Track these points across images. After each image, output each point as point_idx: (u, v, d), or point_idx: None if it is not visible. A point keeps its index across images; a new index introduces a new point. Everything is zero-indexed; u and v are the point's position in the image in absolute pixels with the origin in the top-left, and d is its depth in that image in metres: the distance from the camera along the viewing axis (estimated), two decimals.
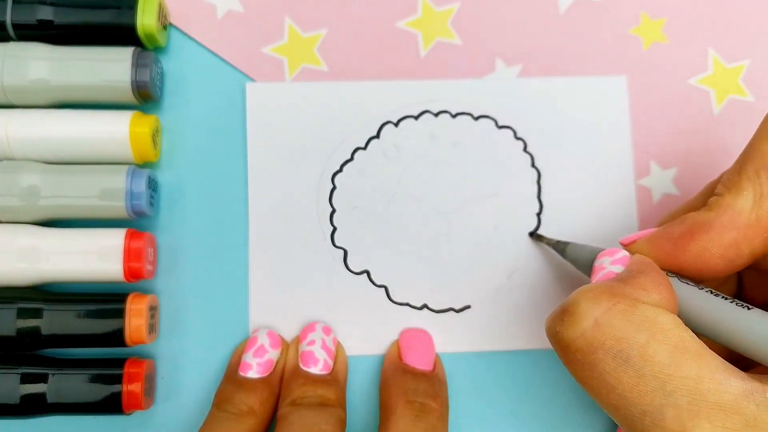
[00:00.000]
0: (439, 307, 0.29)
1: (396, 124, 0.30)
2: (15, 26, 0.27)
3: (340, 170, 0.30)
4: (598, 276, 0.22)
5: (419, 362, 0.28)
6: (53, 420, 0.27)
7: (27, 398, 0.26)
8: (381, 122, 0.30)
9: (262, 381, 0.27)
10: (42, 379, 0.26)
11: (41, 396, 0.26)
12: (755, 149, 0.21)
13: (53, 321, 0.26)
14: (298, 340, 0.28)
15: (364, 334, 0.29)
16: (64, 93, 0.27)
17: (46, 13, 0.27)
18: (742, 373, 0.19)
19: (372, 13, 0.31)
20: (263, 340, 0.28)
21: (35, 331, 0.26)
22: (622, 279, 0.21)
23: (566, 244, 0.27)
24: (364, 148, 0.30)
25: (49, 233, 0.27)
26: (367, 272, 0.29)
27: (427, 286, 0.29)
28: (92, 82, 0.27)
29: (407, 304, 0.29)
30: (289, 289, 0.29)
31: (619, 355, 0.19)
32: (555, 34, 0.31)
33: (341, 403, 0.27)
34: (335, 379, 0.27)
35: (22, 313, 0.26)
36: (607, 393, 0.19)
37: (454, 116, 0.30)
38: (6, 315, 0.26)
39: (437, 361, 0.28)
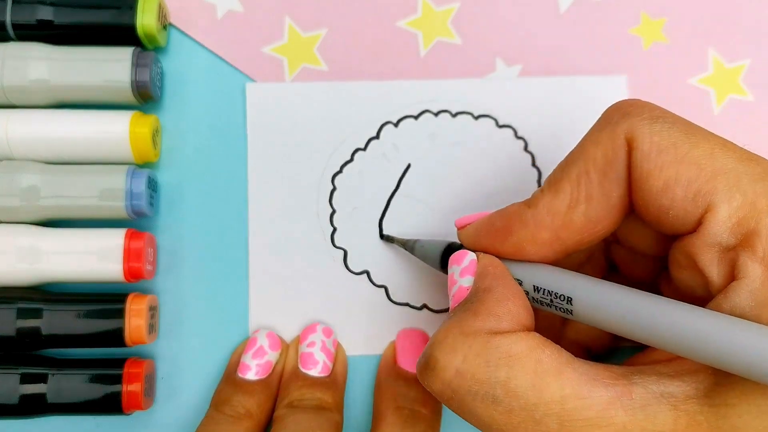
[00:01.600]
0: (439, 307, 0.29)
1: (396, 125, 0.30)
2: (15, 26, 0.27)
3: (340, 171, 0.30)
4: (452, 291, 0.22)
5: (413, 366, 0.28)
6: (53, 420, 0.27)
7: (27, 398, 0.26)
8: (381, 122, 0.30)
9: (260, 383, 0.27)
10: (42, 379, 0.26)
11: (41, 396, 0.26)
12: (581, 151, 0.21)
13: (53, 321, 0.26)
14: (298, 341, 0.28)
15: (364, 334, 0.29)
16: (64, 93, 0.27)
17: (46, 13, 0.27)
18: (608, 378, 0.18)
19: (372, 13, 0.31)
20: (263, 341, 0.28)
21: (35, 331, 0.26)
22: (472, 308, 0.20)
23: (414, 241, 0.27)
24: (364, 149, 0.30)
25: (49, 233, 0.27)
26: (367, 272, 0.29)
27: (426, 286, 0.29)
28: (92, 82, 0.27)
29: (407, 304, 0.29)
30: (289, 289, 0.29)
31: (486, 396, 0.19)
32: (555, 34, 0.31)
33: (338, 407, 0.27)
34: (334, 382, 0.27)
35: (22, 313, 0.26)
36: (487, 429, 0.19)
37: (454, 116, 0.30)
38: (6, 315, 0.26)
39: None
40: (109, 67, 0.27)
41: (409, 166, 0.30)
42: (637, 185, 0.20)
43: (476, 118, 0.30)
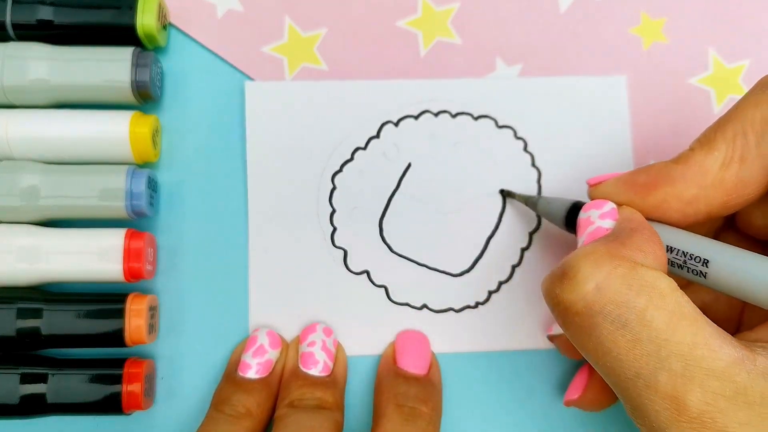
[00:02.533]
0: (438, 307, 0.29)
1: (396, 124, 0.30)
2: (15, 26, 0.27)
3: (340, 170, 0.30)
4: (587, 231, 0.22)
5: (413, 366, 0.28)
6: (53, 420, 0.27)
7: (27, 398, 0.26)
8: (381, 122, 0.30)
9: (260, 382, 0.27)
10: (42, 379, 0.26)
11: (41, 396, 0.26)
12: (739, 112, 0.21)
13: (53, 321, 0.26)
14: (298, 341, 0.28)
15: (364, 334, 0.29)
16: (64, 93, 0.27)
17: (46, 13, 0.27)
18: (735, 341, 0.19)
19: (372, 12, 0.31)
20: (263, 340, 0.28)
21: (35, 331, 0.26)
22: (619, 239, 0.20)
23: (538, 198, 0.27)
24: (364, 148, 0.30)
25: (49, 233, 0.27)
26: (367, 272, 0.29)
27: (426, 286, 0.29)
28: (92, 82, 0.27)
29: (407, 304, 0.29)
30: (288, 289, 0.29)
31: (617, 319, 0.19)
32: (555, 34, 0.31)
33: (339, 406, 0.27)
34: (334, 382, 0.27)
35: (22, 313, 0.26)
36: (603, 355, 0.19)
37: (454, 116, 0.30)
38: (6, 315, 0.26)
39: (432, 365, 0.28)
40: (109, 67, 0.27)
41: (409, 166, 0.30)
42: None
43: (476, 118, 0.30)
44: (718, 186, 0.21)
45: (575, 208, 0.24)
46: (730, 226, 0.25)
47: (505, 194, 0.29)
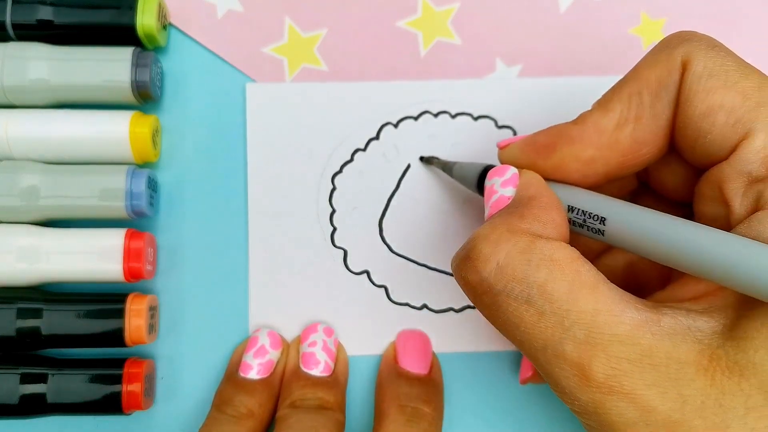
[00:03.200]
0: (439, 307, 0.29)
1: (396, 125, 0.30)
2: (15, 26, 0.27)
3: (340, 171, 0.30)
4: (490, 201, 0.22)
5: (414, 366, 0.28)
6: (53, 420, 0.27)
7: (27, 398, 0.26)
8: (381, 123, 0.30)
9: (262, 382, 0.27)
10: (42, 379, 0.26)
11: (41, 396, 0.26)
12: (635, 73, 0.21)
13: (53, 321, 0.26)
14: (299, 341, 0.28)
15: (364, 334, 0.29)
16: (64, 93, 0.27)
17: (46, 13, 0.27)
18: (639, 304, 0.19)
19: (372, 13, 0.31)
20: (264, 340, 0.28)
21: (35, 331, 0.26)
22: (517, 211, 0.21)
23: (453, 163, 0.27)
24: (364, 150, 0.30)
25: (49, 233, 0.27)
26: (367, 272, 0.29)
27: (426, 286, 0.29)
28: (92, 82, 0.27)
29: (407, 304, 0.29)
30: (288, 289, 0.29)
31: (520, 295, 0.19)
32: (555, 34, 0.31)
33: (340, 406, 0.27)
34: (336, 382, 0.27)
35: (22, 313, 0.26)
36: (511, 330, 0.20)
37: (453, 116, 0.30)
38: (6, 315, 0.26)
39: (434, 365, 0.28)
40: (109, 67, 0.27)
41: (409, 166, 0.30)
42: (682, 108, 0.20)
43: (476, 118, 0.30)
44: (614, 146, 0.21)
45: (486, 171, 0.25)
46: (646, 189, 0.26)
47: (425, 161, 0.29)
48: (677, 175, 0.23)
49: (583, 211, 0.21)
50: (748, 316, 0.18)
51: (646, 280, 0.25)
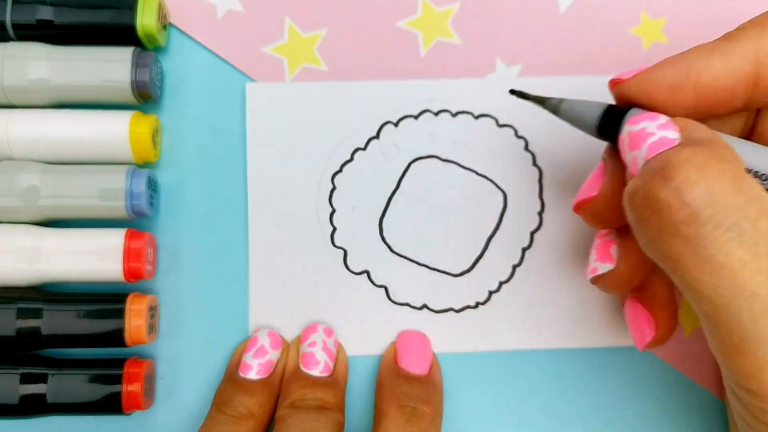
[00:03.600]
0: (438, 307, 0.29)
1: (396, 124, 0.30)
2: (15, 26, 0.27)
3: (340, 170, 0.30)
4: (647, 143, 0.19)
5: (414, 366, 0.28)
6: (53, 420, 0.27)
7: (27, 398, 0.26)
8: (381, 122, 0.30)
9: (261, 382, 0.27)
10: (42, 379, 0.26)
11: (41, 396, 0.26)
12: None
13: (53, 321, 0.26)
14: (299, 341, 0.28)
15: (364, 334, 0.29)
16: (64, 93, 0.27)
17: (46, 13, 0.27)
18: None
19: (372, 13, 0.31)
20: (264, 340, 0.28)
21: (35, 331, 0.26)
22: (708, 146, 0.18)
23: (560, 100, 0.24)
24: (364, 149, 0.30)
25: (49, 233, 0.27)
26: (367, 272, 0.29)
27: (426, 286, 0.29)
28: (92, 82, 0.27)
29: (407, 305, 0.29)
30: (288, 289, 0.29)
31: (733, 227, 0.16)
32: (555, 34, 0.31)
33: (340, 407, 0.27)
34: (335, 382, 0.27)
35: (22, 313, 0.26)
36: (713, 272, 0.17)
37: (454, 115, 0.30)
38: (6, 315, 0.26)
39: (433, 365, 0.28)
40: (109, 67, 0.27)
41: (409, 166, 0.30)
42: None
43: (476, 117, 0.30)
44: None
45: (611, 113, 0.22)
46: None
47: (518, 94, 0.26)
48: None
49: (757, 172, 0.19)
50: None
51: None
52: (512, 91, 0.26)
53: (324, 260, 0.29)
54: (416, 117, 0.30)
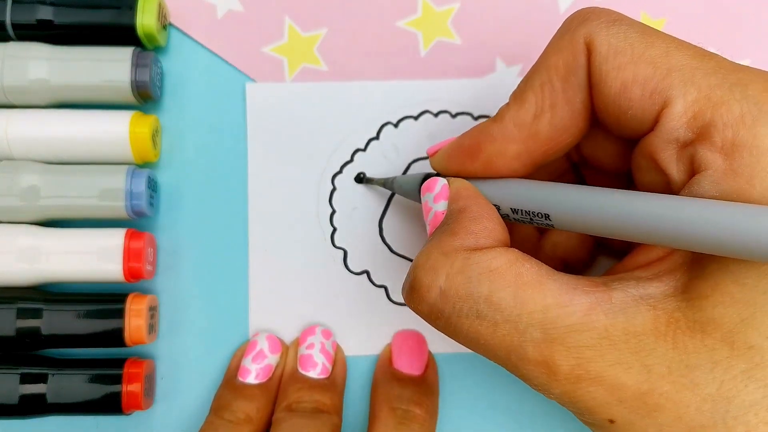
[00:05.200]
0: None
1: (396, 125, 0.30)
2: (15, 26, 0.27)
3: (340, 171, 0.30)
4: (428, 218, 0.22)
5: (408, 367, 0.28)
6: (53, 420, 0.27)
7: (26, 398, 0.26)
8: (381, 123, 0.30)
9: (260, 387, 0.27)
10: (42, 379, 0.26)
11: (41, 396, 0.26)
12: (543, 61, 0.21)
13: (53, 321, 0.26)
14: (297, 343, 0.28)
15: (364, 335, 0.29)
16: (64, 93, 0.27)
17: (46, 13, 0.27)
18: (587, 286, 0.19)
19: (372, 13, 0.31)
20: (263, 344, 0.28)
21: (35, 331, 0.26)
22: (449, 229, 0.21)
23: (393, 179, 0.27)
24: (364, 150, 0.30)
25: (49, 233, 0.27)
26: (367, 272, 0.29)
27: None
28: (92, 82, 0.27)
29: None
30: (288, 289, 0.29)
31: (470, 313, 0.19)
32: None
33: (337, 409, 0.27)
34: (333, 384, 0.27)
35: (22, 313, 0.26)
36: (474, 346, 0.20)
37: (454, 116, 0.30)
38: (6, 315, 0.26)
39: (429, 365, 0.28)
40: (109, 67, 0.27)
41: (409, 166, 0.30)
42: (597, 89, 0.20)
43: (476, 118, 0.30)
44: (535, 137, 0.21)
45: (427, 179, 0.24)
46: (583, 164, 0.26)
47: (362, 180, 0.29)
48: (609, 148, 0.23)
49: (525, 211, 0.21)
50: (701, 276, 0.18)
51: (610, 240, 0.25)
52: (357, 179, 0.30)
53: (324, 261, 0.29)
54: (416, 118, 0.30)
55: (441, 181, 0.23)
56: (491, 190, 0.22)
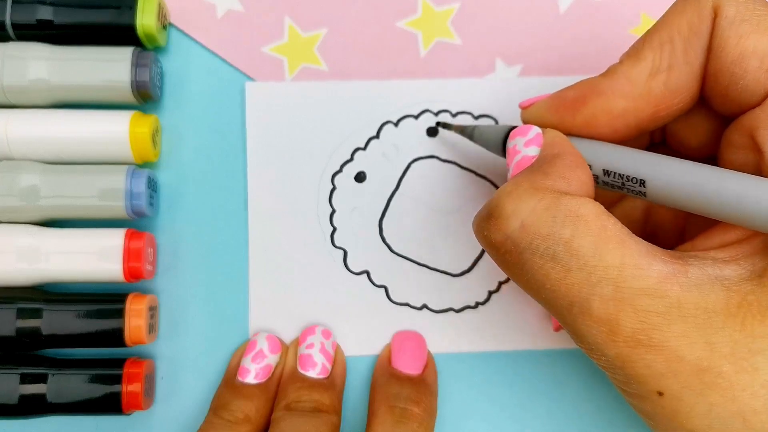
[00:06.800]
0: (438, 307, 0.29)
1: (396, 124, 0.30)
2: (15, 26, 0.27)
3: (340, 170, 0.30)
4: (513, 161, 0.22)
5: (407, 366, 0.28)
6: (53, 420, 0.27)
7: (26, 398, 0.26)
8: (381, 122, 0.30)
9: (259, 387, 0.27)
10: (42, 379, 0.26)
11: (41, 396, 0.26)
12: (665, 20, 0.21)
13: (53, 321, 0.26)
14: (297, 343, 0.28)
15: (364, 335, 0.29)
16: (64, 93, 0.27)
17: (45, 13, 0.27)
18: (666, 256, 0.19)
19: (372, 13, 0.31)
20: (262, 344, 0.28)
21: (35, 331, 0.26)
22: (541, 169, 0.20)
23: (474, 127, 0.27)
24: (364, 149, 0.30)
25: (49, 233, 0.27)
26: (367, 272, 0.29)
27: (426, 286, 0.29)
28: (92, 82, 0.27)
29: (407, 305, 0.29)
30: (288, 289, 0.29)
31: (546, 252, 0.19)
32: (555, 34, 0.31)
33: (336, 409, 0.27)
34: (332, 384, 0.27)
35: (22, 313, 0.26)
36: (537, 289, 0.19)
37: (454, 115, 0.30)
38: (6, 315, 0.26)
39: (428, 365, 0.28)
40: (108, 67, 0.27)
41: (409, 166, 0.30)
42: (714, 53, 0.20)
43: (476, 117, 0.30)
44: (646, 96, 0.21)
45: (510, 133, 0.24)
46: (660, 145, 0.25)
47: (441, 126, 0.29)
48: (699, 127, 0.23)
49: (620, 174, 0.21)
50: None
51: (664, 232, 0.25)
52: (437, 123, 0.29)
53: (324, 260, 0.29)
54: (416, 117, 0.30)
55: (535, 129, 0.22)
56: (586, 149, 0.22)
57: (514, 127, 0.24)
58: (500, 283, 0.29)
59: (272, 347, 0.28)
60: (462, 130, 0.28)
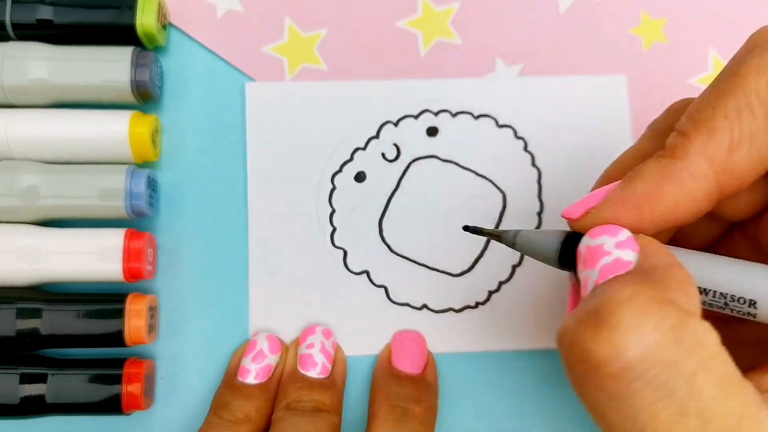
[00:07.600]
0: (438, 307, 0.29)
1: (396, 124, 0.30)
2: (15, 26, 0.27)
3: (340, 170, 0.30)
4: (600, 263, 0.18)
5: (407, 366, 0.28)
6: (53, 420, 0.27)
7: (26, 399, 0.26)
8: (380, 122, 0.30)
9: (259, 387, 0.27)
10: (41, 379, 0.26)
11: (40, 396, 0.26)
12: (737, 82, 0.18)
13: (53, 321, 0.26)
14: (297, 343, 0.28)
15: (364, 334, 0.29)
16: (63, 93, 0.27)
17: (45, 12, 0.27)
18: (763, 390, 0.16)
19: (372, 12, 0.31)
20: (262, 344, 0.28)
21: (35, 331, 0.26)
22: (657, 279, 0.16)
23: (516, 232, 0.22)
24: (364, 149, 0.30)
25: (49, 233, 0.27)
26: (367, 272, 0.29)
27: (426, 286, 0.29)
28: (92, 82, 0.27)
29: (407, 304, 0.29)
30: (288, 289, 0.29)
31: (663, 386, 0.15)
32: (555, 34, 0.31)
33: (336, 409, 0.27)
34: (333, 383, 0.27)
35: (22, 313, 0.26)
36: (631, 427, 0.16)
37: (454, 115, 0.30)
38: (6, 315, 0.26)
39: (428, 364, 0.28)
40: (108, 66, 0.27)
41: (408, 166, 0.30)
42: None
43: (476, 117, 0.30)
44: (729, 171, 0.18)
45: (569, 239, 0.20)
46: (732, 234, 0.22)
47: (470, 230, 0.23)
48: (705, 225, 0.21)
49: (722, 293, 0.17)
50: None
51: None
52: (466, 228, 0.24)
53: (324, 260, 0.29)
54: (416, 117, 0.30)
55: (624, 230, 0.18)
56: (682, 261, 0.18)
57: (571, 233, 0.20)
58: (500, 283, 0.29)
59: (272, 347, 0.28)
60: (498, 237, 0.22)
